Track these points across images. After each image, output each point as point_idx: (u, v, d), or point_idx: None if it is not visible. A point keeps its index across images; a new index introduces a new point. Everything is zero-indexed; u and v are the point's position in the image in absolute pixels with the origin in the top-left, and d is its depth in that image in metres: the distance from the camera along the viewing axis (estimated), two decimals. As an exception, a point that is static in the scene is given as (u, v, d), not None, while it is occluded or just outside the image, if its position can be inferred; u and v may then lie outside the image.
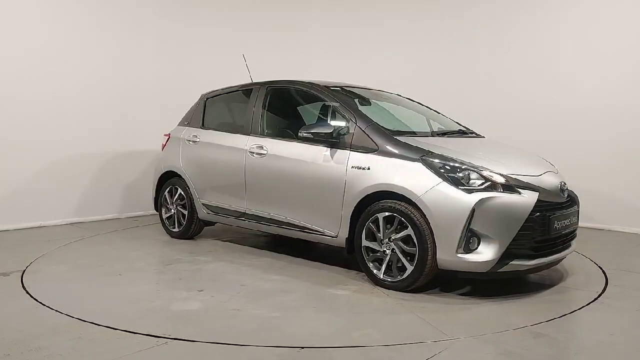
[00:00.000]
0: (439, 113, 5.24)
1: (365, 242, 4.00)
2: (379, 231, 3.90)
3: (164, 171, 5.70)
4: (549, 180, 3.99)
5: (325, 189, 4.23)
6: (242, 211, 4.93)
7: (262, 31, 8.02)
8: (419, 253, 3.69)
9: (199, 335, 3.00)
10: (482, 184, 3.64)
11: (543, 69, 6.75)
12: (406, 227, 3.75)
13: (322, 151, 4.29)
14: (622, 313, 3.51)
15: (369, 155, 4.03)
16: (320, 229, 4.31)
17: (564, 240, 4.03)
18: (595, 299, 3.75)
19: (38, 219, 6.20)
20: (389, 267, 3.88)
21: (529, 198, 3.67)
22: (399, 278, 3.81)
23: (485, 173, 3.69)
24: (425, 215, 3.67)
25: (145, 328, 3.08)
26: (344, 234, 4.15)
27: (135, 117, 6.87)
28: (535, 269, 3.84)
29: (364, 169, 4.02)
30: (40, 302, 3.54)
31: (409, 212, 3.73)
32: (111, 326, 3.10)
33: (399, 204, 3.79)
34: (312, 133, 4.25)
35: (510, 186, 3.67)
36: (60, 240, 5.45)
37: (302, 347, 2.86)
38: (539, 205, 3.71)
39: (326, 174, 4.23)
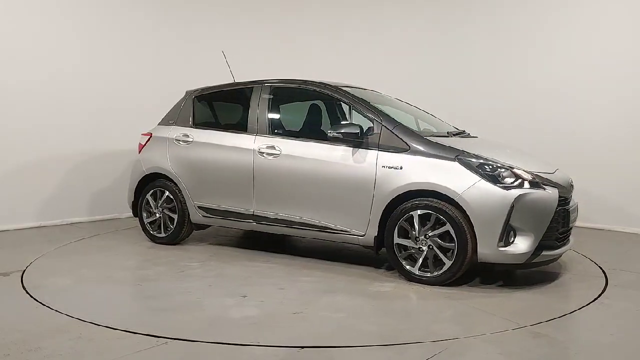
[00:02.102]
0: (427, 113, 5.24)
1: (397, 240, 4.06)
2: (412, 229, 3.99)
3: (146, 173, 5.38)
4: (562, 177, 4.30)
5: (352, 188, 4.25)
6: (249, 213, 4.80)
7: (253, 30, 7.95)
8: (457, 248, 3.85)
9: (290, 342, 2.92)
10: (514, 181, 3.86)
11: (541, 71, 6.74)
12: (444, 224, 3.88)
13: (347, 151, 4.32)
14: (622, 313, 3.51)
15: (401, 155, 4.11)
16: (347, 229, 4.32)
17: (570, 231, 4.40)
18: (595, 299, 3.75)
19: (38, 219, 6.21)
20: (424, 263, 3.98)
21: (553, 193, 3.95)
22: (437, 273, 3.95)
23: (516, 171, 3.91)
24: (465, 212, 3.82)
25: (229, 338, 2.95)
26: (372, 232, 4.20)
27: (134, 117, 6.84)
28: (557, 258, 4.18)
29: (395, 168, 4.09)
30: (40, 302, 3.54)
31: (447, 209, 3.86)
32: (110, 326, 3.10)
33: (436, 202, 3.90)
34: (341, 133, 4.28)
35: (537, 183, 3.92)
36: (60, 241, 5.45)
37: (302, 347, 2.85)
38: (560, 199, 4.00)
39: (353, 173, 4.25)
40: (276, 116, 4.98)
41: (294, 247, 5.38)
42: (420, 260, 3.99)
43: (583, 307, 3.58)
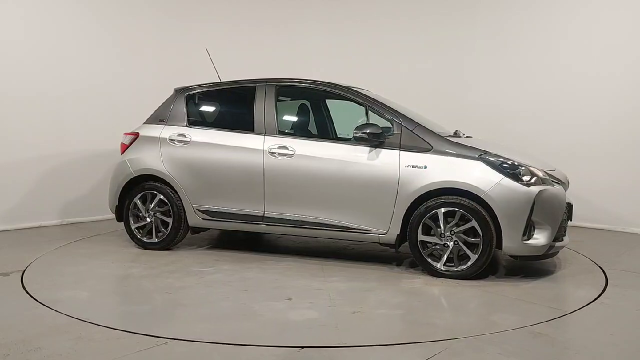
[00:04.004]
0: (416, 112, 5.23)
1: (421, 237, 4.18)
2: (437, 226, 4.12)
3: (135, 175, 5.09)
4: (562, 174, 4.56)
5: (375, 188, 4.30)
6: (259, 214, 4.70)
7: (243, 30, 7.92)
8: (483, 243, 4.03)
9: (366, 340, 2.94)
10: (531, 178, 4.06)
11: (540, 71, 6.75)
12: (468, 220, 4.05)
13: (367, 151, 4.36)
14: (622, 313, 3.51)
15: (424, 154, 4.23)
16: (369, 228, 4.36)
17: None
18: (595, 299, 3.75)
19: (38, 219, 6.21)
20: (448, 258, 4.13)
21: (561, 189, 4.26)
22: (462, 267, 4.11)
23: (532, 169, 4.12)
24: (491, 208, 4.00)
25: (299, 341, 2.92)
26: (395, 230, 4.28)
27: (132, 117, 6.83)
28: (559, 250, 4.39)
29: (420, 167, 4.19)
30: (40, 302, 3.54)
31: (473, 206, 4.03)
32: (110, 326, 3.10)
33: (462, 199, 4.06)
34: (367, 133, 4.32)
35: (548, 180, 4.16)
36: (60, 241, 5.45)
37: (302, 347, 2.85)
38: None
39: (376, 173, 4.31)
40: (286, 116, 4.95)
41: (288, 247, 5.38)
42: (446, 255, 4.11)
43: (583, 307, 3.58)
